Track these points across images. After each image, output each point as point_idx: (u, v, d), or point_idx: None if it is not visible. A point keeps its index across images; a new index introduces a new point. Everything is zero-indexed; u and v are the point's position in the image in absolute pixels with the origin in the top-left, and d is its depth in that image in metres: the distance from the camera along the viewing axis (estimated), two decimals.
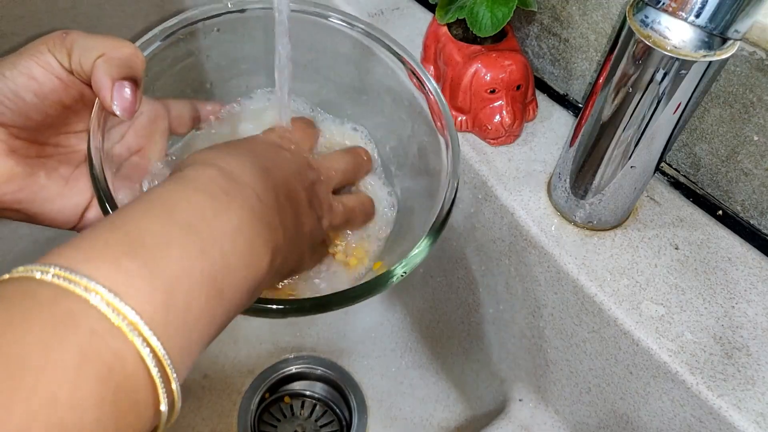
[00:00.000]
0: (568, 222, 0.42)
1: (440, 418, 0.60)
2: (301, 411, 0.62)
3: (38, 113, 0.32)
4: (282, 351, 0.64)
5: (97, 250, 0.22)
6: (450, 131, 0.38)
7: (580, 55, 0.47)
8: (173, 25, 0.38)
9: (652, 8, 0.31)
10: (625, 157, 0.36)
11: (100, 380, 0.20)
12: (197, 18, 0.39)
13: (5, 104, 0.31)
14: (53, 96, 0.32)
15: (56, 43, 0.31)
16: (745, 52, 0.36)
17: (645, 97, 0.33)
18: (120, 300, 0.21)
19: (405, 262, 0.33)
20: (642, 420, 0.39)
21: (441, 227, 0.35)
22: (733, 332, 0.37)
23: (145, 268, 0.22)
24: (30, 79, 0.31)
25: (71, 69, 0.32)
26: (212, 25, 0.40)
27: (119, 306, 0.21)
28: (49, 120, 0.33)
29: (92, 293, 0.20)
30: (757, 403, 0.34)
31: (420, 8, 0.57)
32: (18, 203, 0.33)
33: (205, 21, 0.39)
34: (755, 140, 0.39)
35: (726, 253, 0.40)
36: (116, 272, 0.21)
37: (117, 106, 0.31)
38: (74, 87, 0.33)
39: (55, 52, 0.31)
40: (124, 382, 0.20)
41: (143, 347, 0.21)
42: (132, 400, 0.21)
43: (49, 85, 0.32)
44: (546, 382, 0.47)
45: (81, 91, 0.33)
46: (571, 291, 0.40)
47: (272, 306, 0.31)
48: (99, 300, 0.20)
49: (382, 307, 0.67)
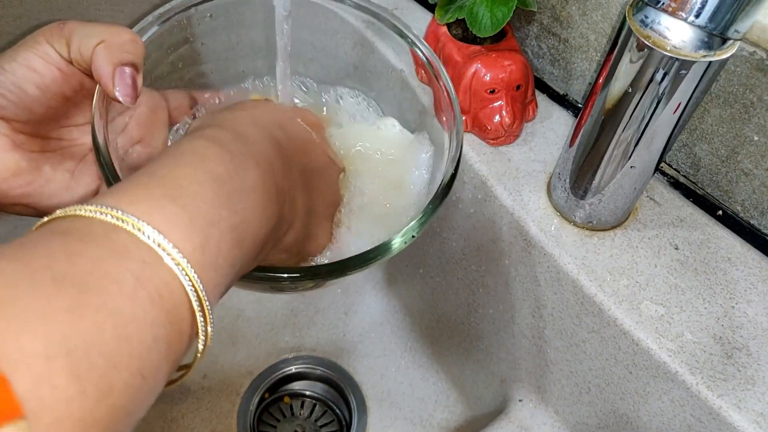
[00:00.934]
0: (568, 222, 0.42)
1: (440, 418, 0.60)
2: (301, 411, 0.62)
3: (40, 106, 0.32)
4: (281, 351, 0.64)
5: (141, 195, 0.24)
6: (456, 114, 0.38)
7: (580, 55, 0.47)
8: (168, 10, 0.38)
9: (651, 8, 0.31)
10: (625, 157, 0.36)
11: (153, 303, 0.21)
12: (191, 3, 0.39)
13: (7, 98, 0.31)
14: (54, 87, 0.32)
15: (54, 33, 0.31)
16: (745, 52, 0.36)
17: (645, 97, 0.33)
18: (165, 238, 0.22)
19: (404, 232, 0.34)
20: (642, 420, 0.39)
21: (441, 197, 0.35)
22: (733, 332, 0.37)
23: (184, 212, 0.24)
24: (30, 71, 0.31)
25: (70, 59, 0.31)
26: (205, 11, 0.40)
27: (165, 244, 0.22)
28: (50, 113, 0.33)
29: (141, 231, 0.22)
30: (757, 403, 0.34)
31: (420, 8, 0.57)
32: (26, 197, 0.33)
33: (198, 6, 0.39)
34: (755, 140, 0.39)
35: (726, 253, 0.40)
36: (160, 214, 0.23)
37: (119, 92, 0.30)
38: (74, 77, 0.33)
39: (54, 42, 0.31)
40: (172, 310, 0.22)
41: (186, 282, 0.23)
42: (178, 328, 0.22)
43: (49, 76, 0.32)
44: (546, 382, 0.47)
45: (81, 81, 0.33)
46: (571, 291, 0.40)
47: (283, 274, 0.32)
48: (147, 237, 0.22)
49: (382, 307, 0.67)
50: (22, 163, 0.33)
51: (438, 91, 0.39)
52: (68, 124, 0.36)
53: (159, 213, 0.23)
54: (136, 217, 0.22)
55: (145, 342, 0.21)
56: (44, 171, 0.34)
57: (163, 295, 0.22)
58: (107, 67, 0.30)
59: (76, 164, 0.36)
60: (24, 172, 0.33)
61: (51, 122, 0.34)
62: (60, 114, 0.34)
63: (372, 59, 0.45)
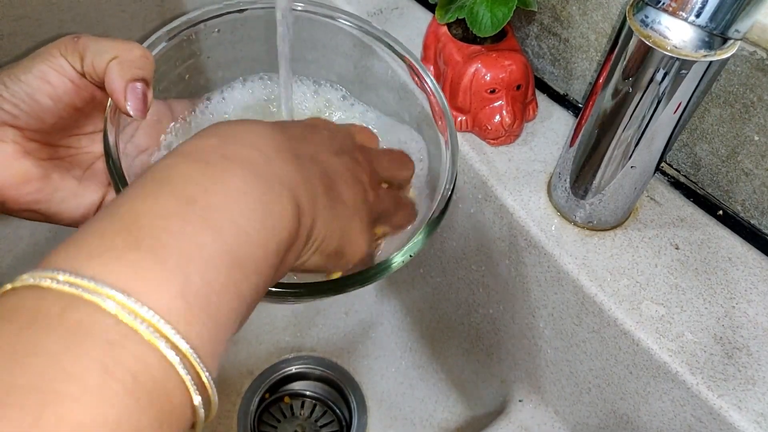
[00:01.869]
0: (568, 222, 0.42)
1: (440, 418, 0.60)
2: (301, 411, 0.62)
3: (52, 116, 0.34)
4: (282, 351, 0.64)
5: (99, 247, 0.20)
6: (450, 128, 0.39)
7: (580, 55, 0.47)
8: (177, 26, 0.39)
9: (652, 8, 0.31)
10: (625, 157, 0.36)
11: (128, 393, 0.18)
12: (200, 19, 0.40)
13: (21, 107, 0.32)
14: (66, 98, 0.33)
15: (68, 47, 0.33)
16: (745, 52, 0.36)
17: (645, 97, 0.33)
18: (130, 298, 0.19)
19: (404, 251, 0.34)
20: (642, 420, 0.39)
21: (438, 220, 0.36)
22: (734, 332, 0.37)
23: (150, 254, 0.20)
24: (45, 83, 0.32)
25: (83, 72, 0.33)
26: (213, 26, 0.41)
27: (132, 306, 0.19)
28: (61, 122, 0.34)
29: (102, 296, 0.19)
30: (757, 403, 0.34)
31: (420, 8, 0.57)
32: (36, 203, 0.34)
33: (207, 22, 0.40)
34: (756, 140, 0.39)
35: (726, 253, 0.40)
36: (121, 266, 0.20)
37: (131, 107, 0.32)
38: (86, 89, 0.34)
39: (68, 55, 0.32)
40: (154, 388, 0.19)
41: (166, 348, 0.19)
42: (167, 404, 0.19)
43: (62, 88, 0.33)
44: (546, 382, 0.47)
45: (92, 94, 0.34)
46: (571, 291, 0.40)
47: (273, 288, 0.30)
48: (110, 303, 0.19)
49: (382, 307, 0.67)
50: (33, 171, 0.34)
51: (434, 105, 0.40)
52: (77, 133, 0.37)
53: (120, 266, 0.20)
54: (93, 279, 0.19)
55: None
56: (53, 178, 0.35)
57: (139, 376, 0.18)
58: (120, 82, 0.31)
59: (83, 172, 0.37)
60: (34, 179, 0.34)
61: (61, 131, 0.36)
62: (70, 123, 0.36)
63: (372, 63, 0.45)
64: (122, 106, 0.32)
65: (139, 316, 0.19)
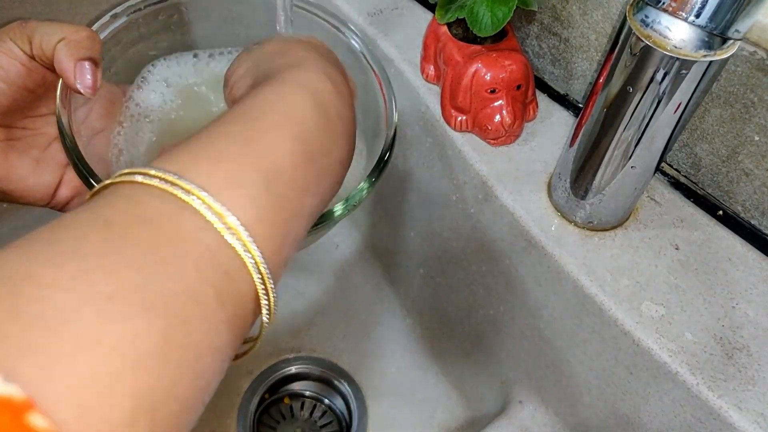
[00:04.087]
0: (569, 222, 0.42)
1: (440, 419, 0.60)
2: (301, 412, 0.62)
3: (6, 98, 0.35)
4: (281, 351, 0.64)
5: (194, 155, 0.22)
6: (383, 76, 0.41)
7: (581, 55, 0.47)
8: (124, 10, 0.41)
9: (652, 8, 0.31)
10: (625, 157, 0.36)
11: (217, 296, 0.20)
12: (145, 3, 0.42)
13: None
14: (18, 81, 0.35)
15: (17, 31, 0.34)
16: (745, 52, 0.36)
17: (645, 97, 0.33)
18: (216, 200, 0.21)
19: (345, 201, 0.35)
20: (642, 420, 0.39)
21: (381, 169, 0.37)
22: (734, 332, 0.37)
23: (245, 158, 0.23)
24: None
25: (33, 54, 0.34)
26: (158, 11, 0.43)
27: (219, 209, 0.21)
28: (16, 104, 0.36)
29: (206, 205, 0.21)
30: (757, 404, 0.34)
31: (420, 8, 0.57)
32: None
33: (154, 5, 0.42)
34: (756, 140, 0.38)
35: (726, 253, 0.40)
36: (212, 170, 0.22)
37: (80, 85, 0.34)
38: (36, 72, 0.35)
39: (17, 39, 0.34)
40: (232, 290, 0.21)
41: (243, 252, 0.21)
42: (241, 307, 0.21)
43: (14, 71, 0.34)
44: (546, 383, 0.47)
45: (43, 75, 0.36)
46: (572, 291, 0.40)
47: None
48: (199, 204, 0.21)
49: (382, 307, 0.67)
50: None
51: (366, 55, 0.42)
52: (32, 115, 0.39)
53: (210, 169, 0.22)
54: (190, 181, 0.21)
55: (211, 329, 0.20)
56: (11, 158, 0.37)
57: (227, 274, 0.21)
58: (68, 62, 0.33)
59: (41, 152, 0.39)
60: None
61: (16, 113, 0.37)
62: (24, 105, 0.37)
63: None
64: (72, 84, 0.33)
65: (219, 215, 0.21)
